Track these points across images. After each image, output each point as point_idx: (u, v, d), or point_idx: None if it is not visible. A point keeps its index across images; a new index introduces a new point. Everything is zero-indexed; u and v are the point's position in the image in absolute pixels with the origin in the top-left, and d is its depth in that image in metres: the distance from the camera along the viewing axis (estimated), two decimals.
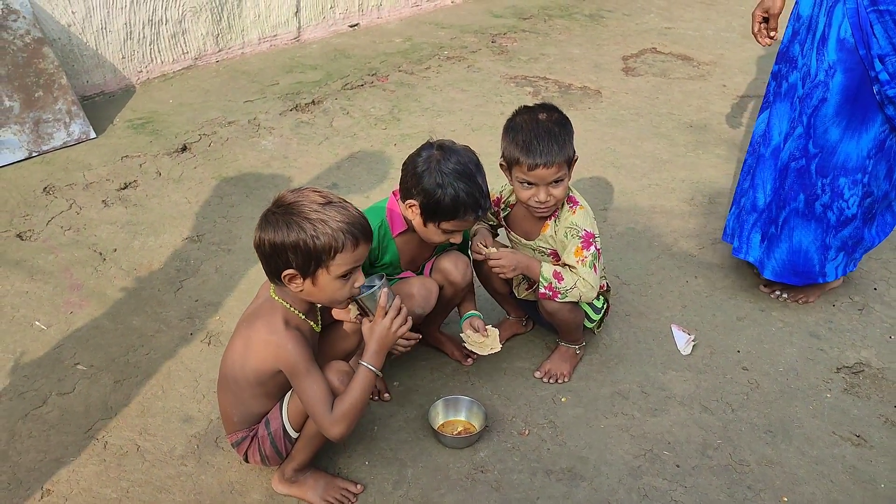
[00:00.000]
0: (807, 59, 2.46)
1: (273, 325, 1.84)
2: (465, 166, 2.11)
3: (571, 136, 2.26)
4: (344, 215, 1.79)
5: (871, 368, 2.55)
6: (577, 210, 2.32)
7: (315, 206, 1.77)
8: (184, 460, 2.15)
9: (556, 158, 2.17)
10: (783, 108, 2.57)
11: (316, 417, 1.83)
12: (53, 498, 2.03)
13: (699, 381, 2.48)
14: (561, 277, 2.26)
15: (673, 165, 3.78)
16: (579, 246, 2.26)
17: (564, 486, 2.11)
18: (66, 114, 3.71)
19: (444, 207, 2.09)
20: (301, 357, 1.82)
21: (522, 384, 2.45)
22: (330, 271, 1.80)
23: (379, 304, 1.87)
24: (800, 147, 2.52)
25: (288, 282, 1.82)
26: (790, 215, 2.62)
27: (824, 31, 2.38)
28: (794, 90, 2.51)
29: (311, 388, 1.82)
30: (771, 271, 2.71)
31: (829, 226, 2.60)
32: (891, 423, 2.35)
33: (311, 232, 1.76)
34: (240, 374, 1.90)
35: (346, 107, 4.28)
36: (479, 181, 2.13)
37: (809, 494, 2.11)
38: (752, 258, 2.76)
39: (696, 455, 2.22)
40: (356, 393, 1.84)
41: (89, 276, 2.86)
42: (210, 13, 4.52)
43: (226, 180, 3.53)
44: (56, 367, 2.45)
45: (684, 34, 5.62)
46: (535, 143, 2.17)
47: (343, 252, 1.78)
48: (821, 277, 2.70)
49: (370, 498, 2.06)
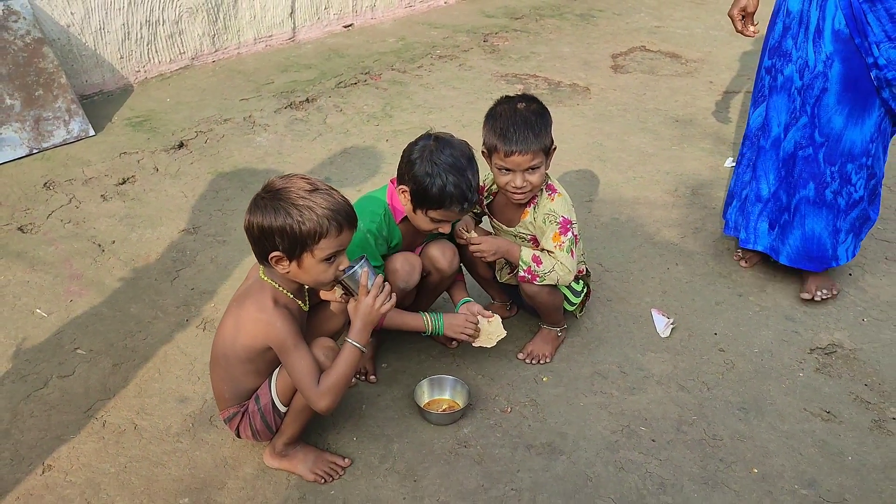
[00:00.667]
0: (801, 52, 2.57)
1: (262, 303, 1.93)
2: (456, 159, 2.20)
3: (549, 126, 2.34)
4: (329, 202, 1.88)
5: (843, 349, 2.64)
6: (556, 197, 2.41)
7: (302, 192, 1.86)
8: (179, 437, 2.24)
9: (531, 146, 2.26)
10: (780, 100, 2.66)
11: (304, 391, 1.93)
12: (54, 473, 2.12)
13: (677, 362, 2.57)
14: (539, 261, 2.35)
15: (658, 158, 3.88)
16: (557, 231, 2.36)
17: (544, 459, 2.20)
18: (65, 112, 3.81)
19: (431, 196, 2.19)
20: (289, 333, 1.91)
21: (506, 365, 2.54)
22: (315, 255, 1.89)
23: (360, 283, 1.96)
24: (806, 136, 2.62)
25: (275, 263, 1.91)
26: (801, 203, 2.71)
27: (818, 24, 2.49)
28: (791, 82, 2.61)
29: (299, 363, 1.91)
30: (786, 257, 2.80)
31: (840, 210, 2.71)
32: (860, 399, 2.43)
33: (298, 217, 1.85)
34: (231, 352, 1.99)
35: (340, 104, 4.37)
36: (468, 175, 2.21)
37: (779, 466, 2.20)
38: (760, 247, 2.86)
39: (671, 430, 2.31)
40: (341, 368, 1.93)
41: (88, 266, 2.96)
42: (206, 14, 4.62)
43: (221, 175, 3.62)
44: (57, 351, 2.54)
45: (673, 32, 5.71)
46: (511, 130, 2.26)
47: (327, 237, 1.87)
48: (834, 261, 2.80)
49: (357, 471, 2.15)
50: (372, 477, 2.13)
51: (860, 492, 2.13)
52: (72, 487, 2.08)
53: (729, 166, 3.80)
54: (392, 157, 3.48)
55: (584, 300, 2.63)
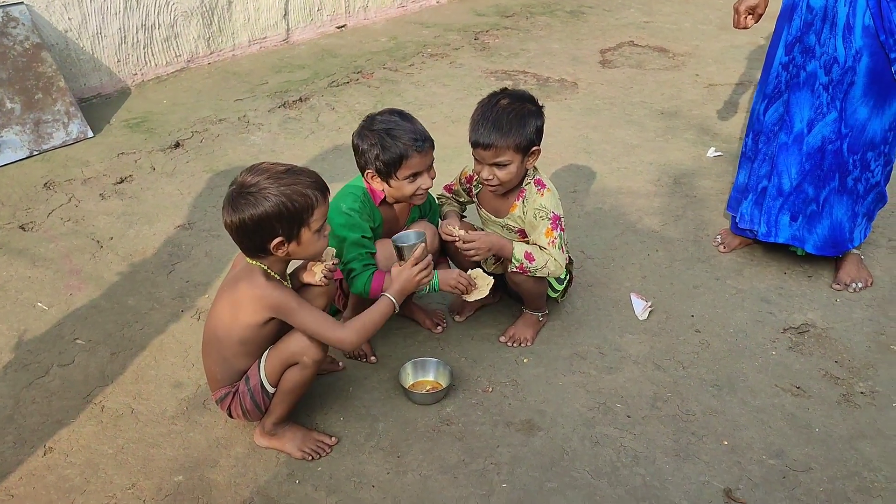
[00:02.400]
0: (827, 48, 2.64)
1: (255, 281, 2.03)
2: (386, 119, 2.35)
3: (526, 127, 2.36)
4: (306, 175, 2.02)
5: (815, 328, 2.73)
6: (545, 193, 2.46)
7: (279, 175, 1.98)
8: (174, 420, 2.35)
9: (494, 142, 2.32)
10: (803, 96, 2.72)
11: (325, 336, 2.06)
12: (55, 455, 2.22)
13: (653, 343, 2.66)
14: (532, 258, 2.41)
15: (642, 150, 3.97)
16: (549, 227, 2.42)
17: (523, 435, 2.30)
18: (64, 114, 3.92)
19: (388, 158, 2.31)
20: (290, 297, 2.04)
21: (488, 348, 2.64)
22: (310, 227, 2.02)
23: (414, 255, 2.20)
24: (834, 131, 2.71)
25: (274, 249, 2.01)
26: (830, 194, 2.82)
27: (848, 20, 2.58)
28: (815, 78, 2.68)
29: (310, 317, 2.05)
30: (813, 246, 2.90)
31: (858, 196, 2.84)
32: (830, 375, 2.52)
33: (288, 197, 1.96)
34: (226, 333, 2.08)
35: (332, 103, 4.48)
36: (403, 123, 2.34)
37: (748, 438, 2.29)
38: (782, 239, 2.93)
39: (646, 407, 2.40)
40: (374, 314, 2.13)
41: (87, 261, 3.07)
42: (201, 17, 4.73)
43: (216, 173, 3.73)
44: (57, 342, 2.65)
45: (662, 27, 5.80)
46: (480, 123, 2.35)
47: (317, 207, 2.01)
48: (850, 244, 2.92)
49: (344, 448, 2.25)
50: (358, 454, 2.23)
51: (826, 461, 2.21)
52: (72, 468, 2.18)
53: (712, 156, 3.89)
54: None
55: (566, 287, 2.72)
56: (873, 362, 2.58)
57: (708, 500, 2.10)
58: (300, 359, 2.07)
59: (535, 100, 2.44)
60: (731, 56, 5.20)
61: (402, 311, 2.73)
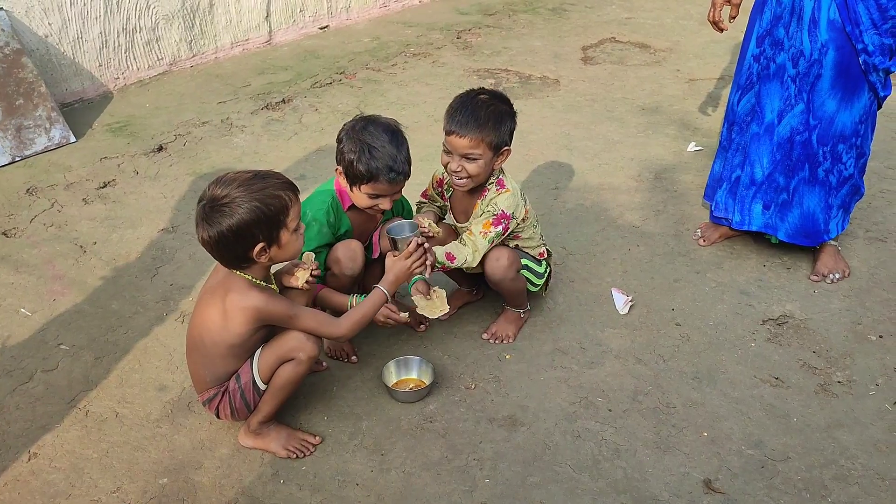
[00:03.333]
0: (794, 41, 2.69)
1: (243, 292, 2.05)
2: (379, 134, 2.33)
3: (501, 125, 2.38)
4: (274, 177, 2.04)
5: (794, 319, 2.77)
6: (504, 193, 2.46)
7: (249, 181, 1.99)
8: (159, 423, 2.36)
9: (469, 132, 2.34)
10: (773, 87, 2.78)
11: (324, 331, 2.13)
12: (40, 460, 2.23)
13: (634, 337, 2.69)
14: (453, 258, 2.42)
15: (623, 146, 4.00)
16: (489, 221, 2.44)
17: (505, 431, 2.32)
18: (46, 120, 3.91)
19: (359, 171, 2.32)
20: (282, 304, 2.06)
21: (471, 345, 2.66)
22: (288, 227, 2.04)
23: (409, 248, 2.24)
24: (802, 122, 2.77)
25: (257, 256, 2.02)
26: (799, 184, 2.87)
27: (813, 14, 2.62)
28: (784, 70, 2.74)
29: (307, 318, 2.10)
30: (784, 233, 2.96)
31: (831, 188, 2.87)
32: (808, 366, 2.56)
33: (263, 202, 1.97)
34: (214, 341, 2.09)
35: (315, 103, 4.49)
36: (391, 148, 2.32)
37: (728, 429, 2.32)
38: (755, 227, 2.99)
39: (627, 400, 2.43)
40: (366, 306, 2.18)
41: (71, 266, 3.07)
42: (182, 20, 4.73)
43: (200, 176, 3.73)
44: (41, 347, 2.65)
45: (643, 23, 5.84)
46: (457, 112, 2.37)
47: (292, 206, 2.03)
48: (826, 235, 2.95)
49: (328, 447, 2.27)
50: (342, 452, 2.25)
51: (803, 450, 2.25)
52: (56, 472, 2.19)
53: (692, 150, 3.92)
54: None
55: (547, 280, 2.74)
56: (850, 352, 2.61)
57: (688, 491, 2.13)
58: (296, 354, 2.10)
59: (510, 103, 2.48)
60: (711, 51, 5.24)
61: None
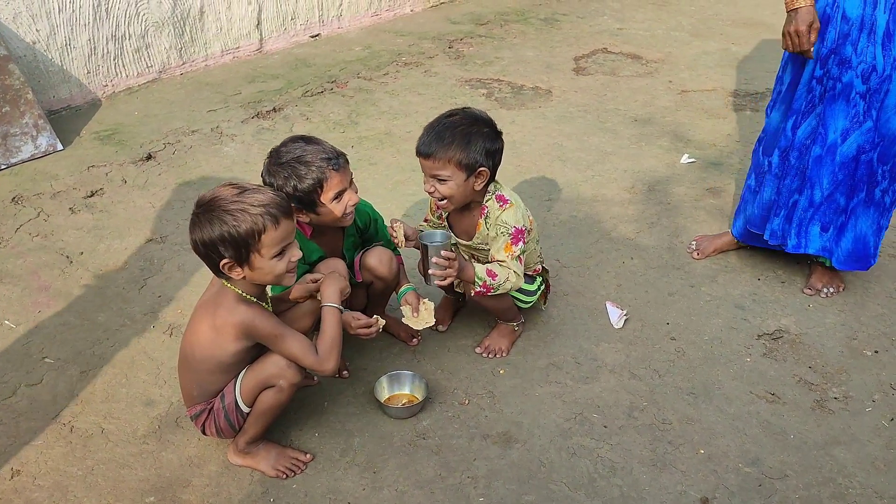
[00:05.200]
0: (863, 56, 2.58)
1: (233, 308, 2.00)
2: (292, 148, 2.26)
3: (470, 145, 2.31)
4: (259, 199, 1.93)
5: (789, 334, 2.75)
6: (507, 208, 2.41)
7: (231, 197, 1.92)
8: (146, 439, 2.31)
9: (434, 152, 2.29)
10: (838, 107, 2.66)
11: (308, 362, 2.05)
12: (23, 477, 2.18)
13: (629, 352, 2.66)
14: (494, 274, 2.37)
15: (616, 157, 3.98)
16: (509, 242, 2.39)
17: (499, 448, 2.29)
18: (32, 127, 3.86)
19: (307, 187, 2.23)
20: (270, 321, 2.01)
21: (464, 360, 2.63)
22: (262, 253, 1.94)
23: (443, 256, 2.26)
24: (869, 140, 2.67)
25: (228, 271, 1.98)
26: (857, 205, 2.79)
27: (888, 27, 2.53)
28: (851, 88, 2.62)
29: (293, 342, 2.04)
30: (837, 260, 2.85)
31: (885, 209, 2.80)
32: (804, 381, 2.54)
33: (233, 222, 1.90)
34: (204, 356, 2.05)
35: (306, 112, 4.45)
36: (310, 147, 2.26)
37: (724, 446, 2.29)
38: (812, 250, 2.86)
39: (622, 416, 2.40)
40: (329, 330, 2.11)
41: (56, 277, 3.01)
42: (173, 27, 4.69)
43: (189, 185, 3.69)
44: (25, 360, 2.59)
45: (635, 34, 5.84)
46: (426, 132, 2.34)
47: (267, 233, 1.92)
48: (873, 259, 2.88)
49: (319, 465, 2.22)
50: (333, 470, 2.21)
51: (801, 468, 2.22)
52: (40, 490, 2.13)
53: (685, 162, 3.91)
54: (357, 163, 3.55)
55: (545, 293, 2.71)
56: (846, 367, 2.60)
57: None
58: (276, 381, 2.05)
59: (492, 123, 2.39)
60: (703, 63, 5.24)
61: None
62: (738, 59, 5.30)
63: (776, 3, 6.46)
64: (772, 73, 5.05)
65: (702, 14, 6.31)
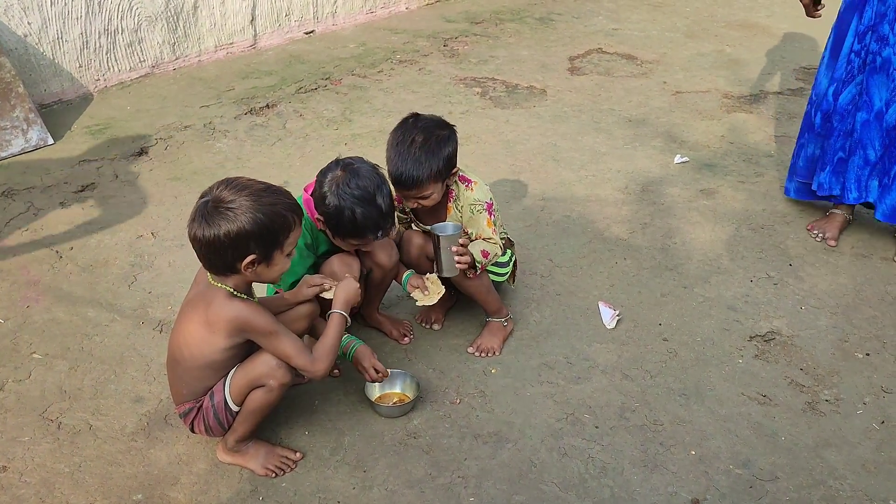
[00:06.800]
0: None
1: (226, 303, 1.98)
2: (364, 190, 2.23)
3: (437, 157, 2.39)
4: (284, 195, 1.99)
5: (781, 336, 2.75)
6: (474, 186, 2.55)
7: (261, 192, 1.93)
8: (134, 436, 2.29)
9: (415, 183, 2.39)
10: (880, 79, 2.98)
11: (300, 362, 2.03)
12: (9, 474, 2.15)
13: (621, 352, 2.66)
14: (487, 253, 2.49)
15: (610, 157, 3.98)
16: (488, 218, 2.53)
17: (490, 447, 2.28)
18: (23, 121, 3.83)
19: (343, 228, 2.28)
20: (266, 319, 1.99)
21: (456, 359, 2.62)
22: (283, 250, 1.98)
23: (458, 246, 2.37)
24: None
25: (246, 268, 1.96)
26: None
27: None
28: (889, 64, 2.95)
29: (286, 341, 2.02)
30: (881, 213, 3.14)
31: None
32: (795, 383, 2.54)
33: (269, 217, 1.91)
34: (193, 354, 2.03)
35: (300, 109, 4.43)
36: (379, 203, 2.25)
37: (716, 448, 2.29)
38: (872, 198, 3.16)
39: (614, 417, 2.39)
40: (331, 335, 2.12)
41: (46, 272, 2.99)
42: (166, 22, 4.66)
43: (181, 181, 3.67)
44: (13, 356, 2.57)
45: (630, 35, 5.83)
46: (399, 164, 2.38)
47: (294, 230, 1.98)
48: None
49: (309, 464, 2.21)
50: (323, 469, 2.19)
51: (791, 470, 2.22)
52: (26, 487, 2.12)
53: (679, 163, 3.91)
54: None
55: (513, 269, 2.77)
56: (838, 369, 2.60)
57: None
58: (266, 381, 2.03)
59: (445, 124, 2.50)
60: (697, 64, 5.24)
61: (368, 322, 2.71)
62: (732, 61, 5.31)
63: (771, 6, 6.49)
64: (766, 75, 5.09)
65: (697, 15, 6.30)
